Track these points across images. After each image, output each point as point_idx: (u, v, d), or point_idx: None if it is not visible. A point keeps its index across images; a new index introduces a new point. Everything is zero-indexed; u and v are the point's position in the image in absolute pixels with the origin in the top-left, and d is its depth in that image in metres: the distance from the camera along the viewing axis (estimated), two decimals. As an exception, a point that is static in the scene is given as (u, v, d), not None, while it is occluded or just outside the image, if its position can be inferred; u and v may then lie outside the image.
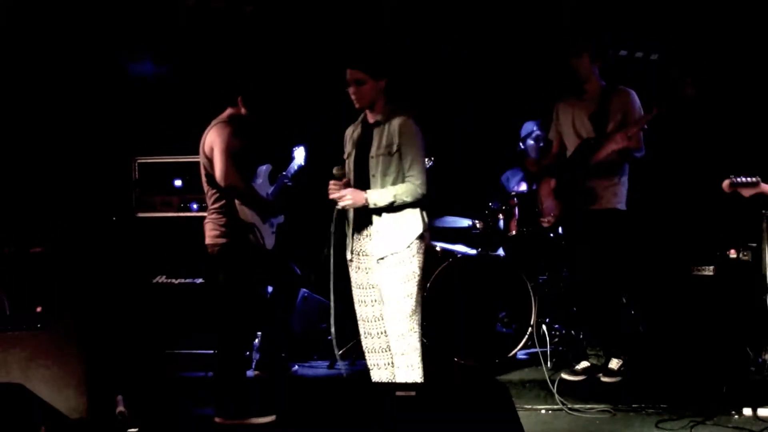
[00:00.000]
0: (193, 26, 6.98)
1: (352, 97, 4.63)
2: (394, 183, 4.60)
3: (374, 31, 6.94)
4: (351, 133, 4.81)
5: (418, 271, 4.61)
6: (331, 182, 4.59)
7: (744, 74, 6.48)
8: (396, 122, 4.61)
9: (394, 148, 4.58)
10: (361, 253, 4.74)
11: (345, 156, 4.78)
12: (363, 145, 4.70)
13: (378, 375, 4.74)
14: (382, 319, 4.69)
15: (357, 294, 4.79)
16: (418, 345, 4.61)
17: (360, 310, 4.78)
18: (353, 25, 6.94)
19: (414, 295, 4.59)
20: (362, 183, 4.64)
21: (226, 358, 5.04)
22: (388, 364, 4.72)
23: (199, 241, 5.13)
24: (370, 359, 4.77)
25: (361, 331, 4.78)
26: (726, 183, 5.04)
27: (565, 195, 5.49)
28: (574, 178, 5.39)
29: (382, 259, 4.61)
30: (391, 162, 4.59)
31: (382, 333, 4.71)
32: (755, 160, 5.34)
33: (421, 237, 4.64)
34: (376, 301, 4.72)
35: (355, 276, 4.78)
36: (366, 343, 4.78)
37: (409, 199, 4.57)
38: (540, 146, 6.42)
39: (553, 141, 5.64)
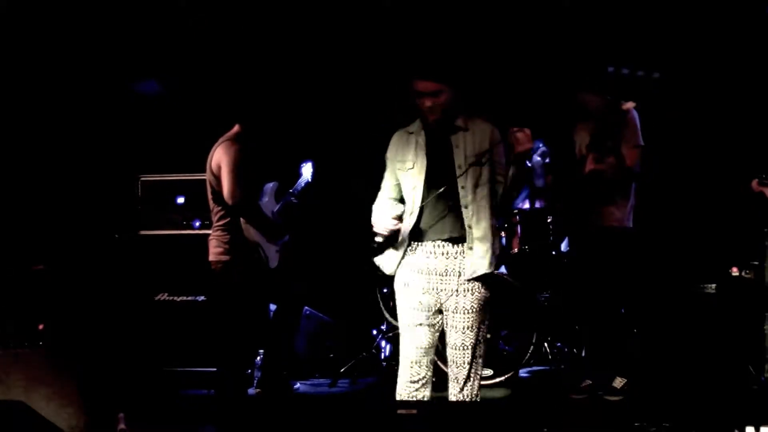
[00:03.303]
0: (198, 44, 7.01)
1: (427, 110, 4.20)
2: (488, 195, 4.21)
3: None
4: (407, 142, 4.33)
5: (491, 295, 4.28)
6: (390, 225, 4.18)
7: (744, 94, 6.50)
8: (486, 130, 4.25)
9: (485, 157, 4.21)
10: (431, 272, 4.23)
11: (408, 167, 4.28)
12: (439, 155, 4.26)
13: None
14: (432, 347, 4.27)
15: (414, 317, 4.25)
16: (480, 374, 4.30)
17: (414, 336, 4.26)
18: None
19: (488, 321, 4.28)
20: (441, 197, 4.19)
21: (227, 375, 5.04)
22: (425, 398, 4.28)
23: (202, 258, 5.13)
24: (408, 390, 4.26)
25: (410, 359, 4.26)
26: (755, 182, 5.07)
27: (569, 212, 5.51)
28: (570, 195, 5.41)
29: (472, 280, 4.21)
30: (482, 173, 4.20)
31: (431, 364, 4.27)
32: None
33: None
34: (432, 326, 4.25)
35: (417, 296, 4.24)
36: (411, 372, 4.26)
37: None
38: (545, 162, 6.45)
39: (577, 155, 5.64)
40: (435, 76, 4.19)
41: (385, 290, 6.27)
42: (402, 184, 4.32)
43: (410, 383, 4.27)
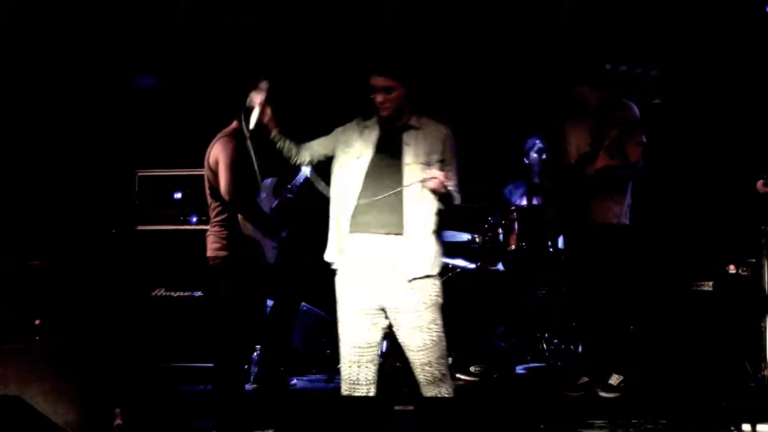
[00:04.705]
0: (195, 39, 7.00)
1: (379, 105, 4.29)
2: (433, 196, 4.23)
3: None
4: (361, 134, 4.41)
5: (439, 294, 4.28)
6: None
7: (744, 92, 6.50)
8: (439, 131, 4.32)
9: (435, 158, 4.26)
10: (372, 269, 4.26)
11: (356, 156, 4.34)
12: (387, 150, 4.32)
13: None
14: (376, 346, 4.31)
15: (352, 315, 4.31)
16: (446, 372, 4.29)
17: (353, 335, 4.31)
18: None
19: (439, 321, 4.25)
20: (382, 194, 4.23)
21: (224, 371, 5.03)
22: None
23: (199, 254, 5.12)
24: (350, 390, 4.33)
25: (350, 358, 4.32)
26: (760, 183, 5.07)
27: (565, 209, 5.50)
28: (571, 193, 5.40)
29: (414, 280, 4.22)
30: (429, 174, 4.18)
31: (370, 362, 4.31)
32: (754, 175, 5.36)
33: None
34: (375, 324, 4.29)
35: (356, 295, 4.30)
36: (350, 372, 4.32)
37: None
38: (543, 159, 6.45)
39: (563, 154, 5.63)
40: (389, 73, 4.27)
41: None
42: (341, 171, 4.37)
43: (351, 384, 4.31)
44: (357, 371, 4.31)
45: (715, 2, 6.53)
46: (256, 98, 4.34)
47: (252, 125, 4.29)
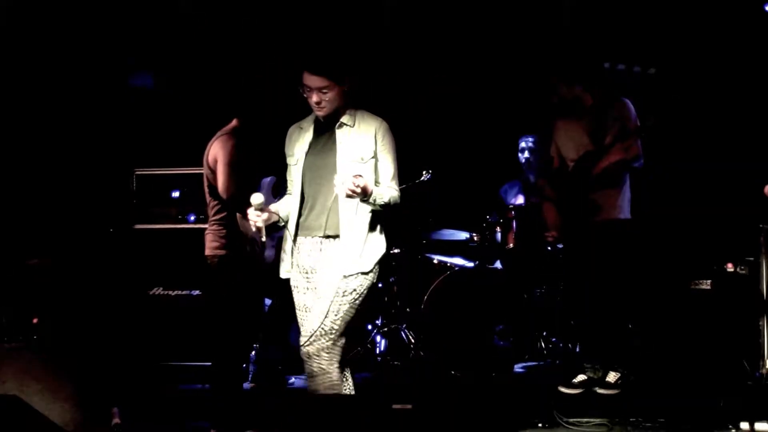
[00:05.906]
0: (195, 37, 7.00)
1: (314, 105, 4.16)
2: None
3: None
4: (298, 137, 4.31)
5: (362, 293, 4.15)
6: (251, 211, 4.12)
7: (741, 89, 6.51)
8: (371, 126, 4.18)
9: (369, 155, 4.16)
10: (310, 271, 4.23)
11: (293, 163, 4.29)
12: (320, 151, 4.23)
13: None
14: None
15: (302, 319, 4.30)
16: (322, 368, 4.21)
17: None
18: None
19: (341, 314, 4.10)
20: (319, 195, 4.20)
21: (222, 370, 5.03)
22: (349, 390, 4.32)
23: (196, 252, 5.12)
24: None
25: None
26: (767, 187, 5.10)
27: (567, 208, 5.50)
28: (575, 191, 5.39)
29: (345, 277, 4.11)
30: (363, 171, 4.07)
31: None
32: (755, 173, 5.36)
33: (382, 260, 4.21)
34: None
35: (303, 298, 4.27)
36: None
37: (392, 204, 4.15)
38: (529, 158, 6.48)
39: (553, 157, 5.63)
40: (324, 71, 4.13)
41: None
42: (289, 179, 4.33)
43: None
44: None
45: (714, 1, 6.53)
46: (258, 220, 4.13)
47: (264, 238, 4.17)
